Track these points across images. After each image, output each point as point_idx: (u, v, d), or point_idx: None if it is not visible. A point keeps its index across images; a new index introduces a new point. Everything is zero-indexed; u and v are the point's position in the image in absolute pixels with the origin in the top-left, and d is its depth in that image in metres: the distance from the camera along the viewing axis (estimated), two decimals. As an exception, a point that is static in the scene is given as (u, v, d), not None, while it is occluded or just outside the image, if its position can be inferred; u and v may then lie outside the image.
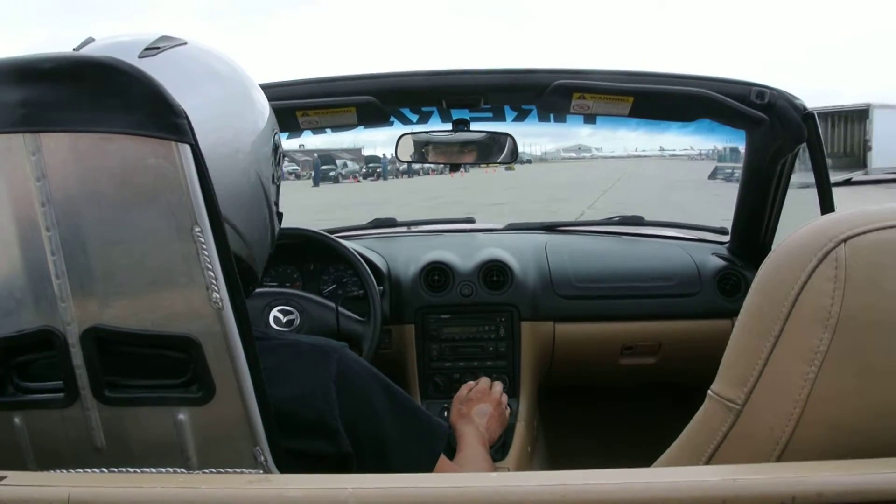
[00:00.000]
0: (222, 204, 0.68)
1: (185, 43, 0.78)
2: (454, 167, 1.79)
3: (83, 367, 0.68)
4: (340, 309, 1.53)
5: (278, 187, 0.89)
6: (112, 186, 0.64)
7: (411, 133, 1.72)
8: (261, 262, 0.86)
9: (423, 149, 1.74)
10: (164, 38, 0.77)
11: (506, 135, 1.71)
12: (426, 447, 0.86)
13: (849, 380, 0.57)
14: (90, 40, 0.79)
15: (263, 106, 0.85)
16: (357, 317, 1.56)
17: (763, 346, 0.60)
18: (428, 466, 0.85)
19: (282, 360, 0.78)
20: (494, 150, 1.73)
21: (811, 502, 0.51)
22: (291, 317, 1.50)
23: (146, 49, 0.74)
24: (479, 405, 1.33)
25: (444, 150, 1.74)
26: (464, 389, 1.46)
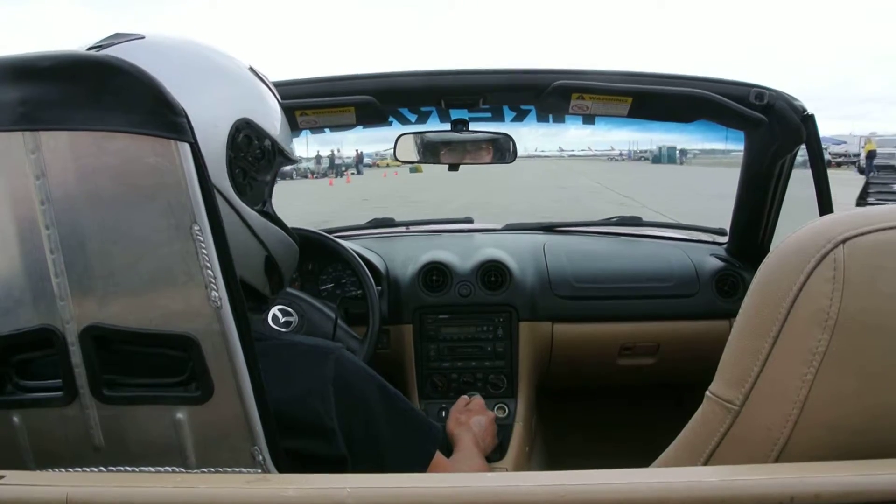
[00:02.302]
0: None
1: (143, 37, 0.76)
2: (452, 167, 1.79)
3: (82, 366, 0.68)
4: (340, 322, 1.53)
5: (263, 184, 0.83)
6: (111, 185, 0.64)
7: (410, 133, 1.72)
8: (251, 274, 0.83)
9: (421, 149, 1.74)
10: (115, 36, 0.76)
11: (505, 135, 1.71)
12: (420, 448, 0.86)
13: (847, 381, 0.57)
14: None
15: (217, 94, 0.78)
16: (354, 333, 1.56)
17: (761, 348, 0.60)
18: (421, 467, 0.85)
19: (280, 361, 0.78)
20: (494, 151, 1.73)
21: (809, 503, 0.52)
22: (290, 318, 1.50)
23: (88, 49, 0.72)
24: (478, 416, 1.34)
25: (443, 149, 1.74)
26: (461, 401, 1.47)
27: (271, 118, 0.84)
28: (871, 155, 23.30)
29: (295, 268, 0.94)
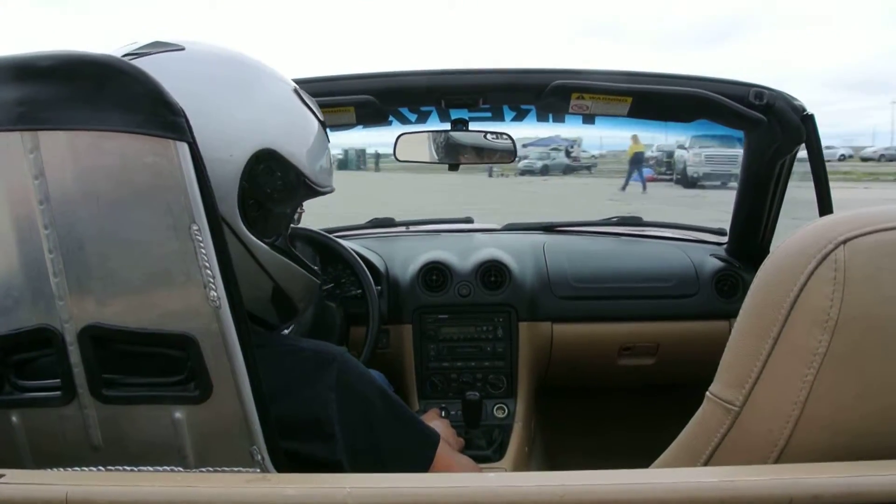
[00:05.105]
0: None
1: (182, 48, 0.75)
2: (452, 167, 1.79)
3: (80, 366, 0.68)
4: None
5: (281, 216, 0.80)
6: (110, 184, 0.64)
7: (410, 133, 1.72)
8: (254, 305, 0.80)
9: (442, 149, 1.74)
10: (155, 44, 0.75)
11: (505, 134, 1.71)
12: (420, 454, 0.86)
13: (847, 382, 0.57)
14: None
15: (243, 117, 0.75)
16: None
17: (762, 348, 0.60)
18: (421, 472, 0.85)
19: (283, 367, 0.78)
20: (493, 150, 1.73)
21: None
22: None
23: (124, 56, 0.72)
24: (434, 421, 1.34)
25: (442, 149, 1.74)
26: None
27: (303, 147, 0.80)
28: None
29: (312, 302, 0.91)
